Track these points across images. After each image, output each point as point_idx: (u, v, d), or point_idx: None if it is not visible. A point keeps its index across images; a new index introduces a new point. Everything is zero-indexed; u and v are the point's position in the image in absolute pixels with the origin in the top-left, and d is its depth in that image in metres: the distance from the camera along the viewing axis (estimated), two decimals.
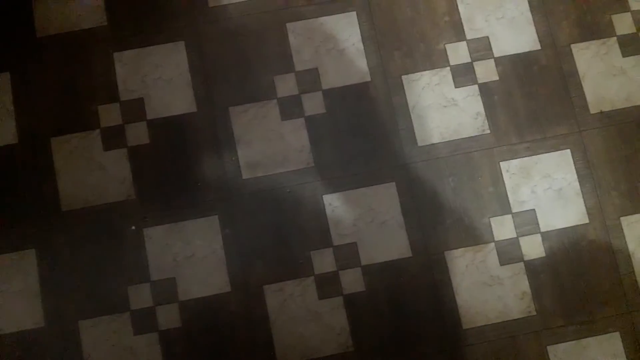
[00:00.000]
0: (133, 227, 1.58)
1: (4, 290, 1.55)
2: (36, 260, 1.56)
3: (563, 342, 1.55)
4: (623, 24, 1.71)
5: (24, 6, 1.69)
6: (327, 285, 1.56)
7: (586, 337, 1.56)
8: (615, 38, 1.70)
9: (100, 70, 1.66)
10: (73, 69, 1.66)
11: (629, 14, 1.72)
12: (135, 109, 1.64)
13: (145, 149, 1.63)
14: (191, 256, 1.57)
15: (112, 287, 1.56)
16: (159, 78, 1.66)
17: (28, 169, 1.61)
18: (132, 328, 1.54)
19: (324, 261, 1.57)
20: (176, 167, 1.62)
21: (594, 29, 1.71)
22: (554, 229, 1.61)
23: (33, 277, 1.55)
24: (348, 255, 1.58)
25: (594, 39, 1.70)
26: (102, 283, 1.56)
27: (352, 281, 1.57)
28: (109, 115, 1.64)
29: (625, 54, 1.69)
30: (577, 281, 1.58)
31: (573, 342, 1.55)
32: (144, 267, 1.56)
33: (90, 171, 1.61)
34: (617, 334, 1.56)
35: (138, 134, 1.63)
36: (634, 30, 1.70)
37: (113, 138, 1.63)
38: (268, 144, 1.63)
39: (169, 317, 1.54)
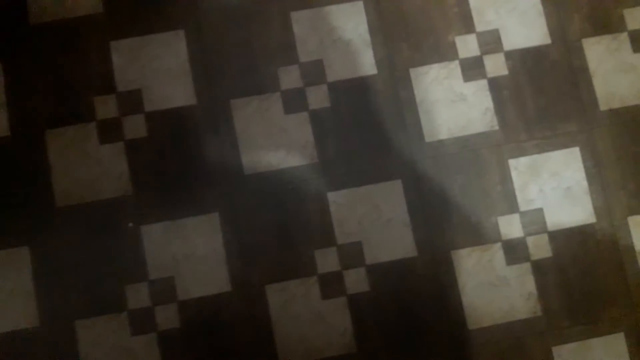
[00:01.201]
0: (130, 224, 1.53)
1: None
2: (30, 258, 1.52)
3: (568, 342, 1.53)
4: (635, 18, 1.66)
5: None
6: (331, 285, 1.53)
7: (591, 337, 1.54)
8: (626, 33, 1.66)
9: (97, 60, 1.60)
10: (68, 58, 1.60)
11: None
12: (132, 101, 1.59)
13: (143, 143, 1.57)
14: (191, 254, 1.53)
15: (109, 286, 1.51)
16: (158, 68, 1.60)
17: (21, 163, 1.55)
18: (130, 328, 1.50)
19: (327, 260, 1.54)
20: (175, 162, 1.57)
21: (605, 23, 1.66)
22: (561, 228, 1.58)
23: (27, 276, 1.51)
24: (352, 254, 1.54)
25: (605, 34, 1.66)
26: (98, 282, 1.52)
27: (356, 281, 1.53)
28: (105, 107, 1.58)
29: (636, 49, 1.65)
30: (583, 281, 1.56)
31: (578, 342, 1.53)
32: (141, 265, 1.52)
33: (86, 166, 1.56)
34: (621, 335, 1.54)
35: (135, 126, 1.58)
36: None
37: (109, 131, 1.57)
38: (271, 139, 1.58)
39: (167, 317, 1.50)
